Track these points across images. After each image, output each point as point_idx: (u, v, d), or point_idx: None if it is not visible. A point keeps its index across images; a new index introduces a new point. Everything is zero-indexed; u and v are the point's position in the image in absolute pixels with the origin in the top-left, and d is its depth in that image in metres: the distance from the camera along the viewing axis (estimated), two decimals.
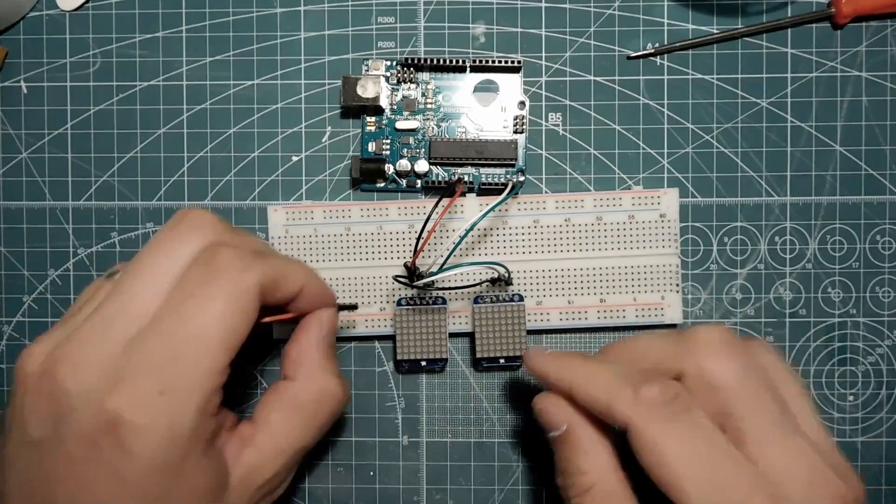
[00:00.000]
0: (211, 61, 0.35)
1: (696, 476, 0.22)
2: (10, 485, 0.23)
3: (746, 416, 0.23)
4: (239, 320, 0.23)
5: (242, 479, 0.25)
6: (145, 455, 0.22)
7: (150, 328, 0.23)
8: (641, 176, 0.34)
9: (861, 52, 0.34)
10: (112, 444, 0.22)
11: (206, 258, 0.24)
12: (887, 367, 0.34)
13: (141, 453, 0.22)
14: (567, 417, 0.26)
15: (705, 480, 0.22)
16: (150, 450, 0.22)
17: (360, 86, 0.33)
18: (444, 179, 0.34)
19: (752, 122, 0.34)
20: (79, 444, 0.22)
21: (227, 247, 0.24)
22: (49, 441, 0.22)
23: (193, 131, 0.35)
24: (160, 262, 0.24)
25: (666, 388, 0.24)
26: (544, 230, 0.33)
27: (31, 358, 0.23)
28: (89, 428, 0.22)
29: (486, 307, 0.32)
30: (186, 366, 0.23)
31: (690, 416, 0.23)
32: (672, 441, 0.23)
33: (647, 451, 0.23)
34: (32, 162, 0.35)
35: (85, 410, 0.22)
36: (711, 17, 0.34)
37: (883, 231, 0.34)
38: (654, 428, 0.23)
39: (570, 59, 0.34)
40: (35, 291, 0.35)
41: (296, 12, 0.35)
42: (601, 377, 0.25)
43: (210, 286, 0.23)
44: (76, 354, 0.23)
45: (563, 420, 0.26)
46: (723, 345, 0.24)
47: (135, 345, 0.23)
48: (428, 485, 0.34)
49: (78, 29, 0.35)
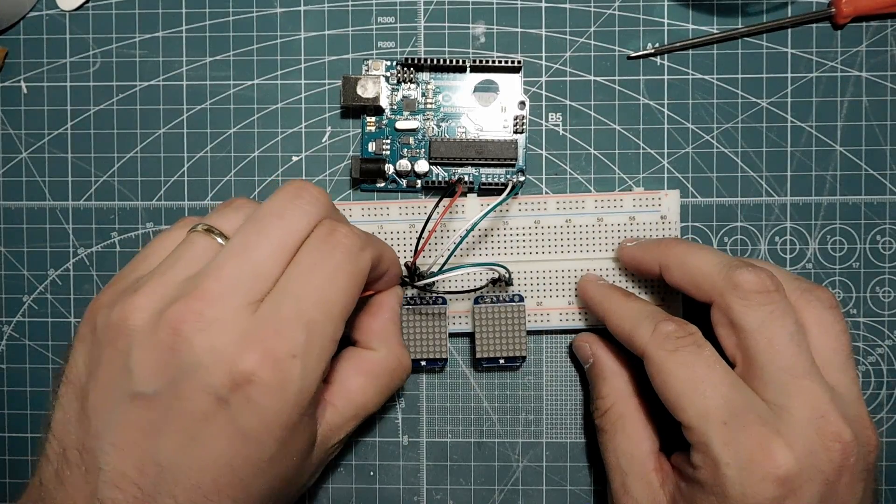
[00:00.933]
0: (211, 61, 0.35)
1: (693, 395, 0.26)
2: (104, 436, 0.23)
3: (758, 357, 0.26)
4: (354, 294, 0.25)
5: (322, 438, 0.26)
6: (273, 414, 0.23)
7: (282, 293, 0.24)
8: (641, 176, 0.34)
9: (861, 52, 0.34)
10: (241, 402, 0.22)
11: (327, 233, 0.25)
12: (887, 367, 0.34)
13: (269, 412, 0.22)
14: (594, 350, 0.32)
15: (701, 399, 0.26)
16: (279, 410, 0.23)
17: (360, 86, 0.33)
18: (444, 179, 0.34)
19: (752, 122, 0.34)
20: (204, 399, 0.22)
21: (345, 225, 0.26)
22: (164, 395, 0.23)
23: (193, 131, 0.35)
24: (281, 229, 0.25)
25: (681, 327, 0.27)
26: (545, 231, 0.33)
27: (138, 312, 0.23)
28: (220, 384, 0.22)
29: (486, 307, 0.32)
30: (316, 332, 0.23)
31: (697, 349, 0.27)
32: (676, 366, 0.26)
33: (656, 374, 0.27)
34: (32, 162, 0.35)
35: (216, 368, 0.22)
36: (711, 17, 0.34)
37: (883, 231, 0.34)
38: (663, 355, 0.27)
39: (570, 59, 0.34)
40: (35, 291, 0.35)
41: (296, 12, 0.35)
42: (630, 311, 0.29)
43: (334, 260, 0.24)
44: (207, 312, 0.23)
45: (592, 353, 0.32)
46: (756, 293, 0.26)
47: (266, 307, 0.23)
48: (428, 485, 0.34)
49: (78, 29, 0.35)
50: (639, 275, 0.33)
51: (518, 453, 0.34)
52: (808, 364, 0.26)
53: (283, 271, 0.24)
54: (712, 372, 0.26)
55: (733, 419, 0.25)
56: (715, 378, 0.26)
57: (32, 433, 0.35)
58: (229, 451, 0.23)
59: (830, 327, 0.27)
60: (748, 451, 0.25)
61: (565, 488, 0.34)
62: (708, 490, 0.25)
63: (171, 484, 0.22)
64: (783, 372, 0.25)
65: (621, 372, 0.31)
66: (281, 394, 0.23)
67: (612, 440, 0.30)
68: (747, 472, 0.24)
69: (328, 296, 0.24)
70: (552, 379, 0.34)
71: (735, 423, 0.25)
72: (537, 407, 0.34)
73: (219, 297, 0.23)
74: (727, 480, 0.25)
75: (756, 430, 0.25)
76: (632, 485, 0.29)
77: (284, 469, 0.24)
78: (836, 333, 0.27)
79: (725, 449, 0.25)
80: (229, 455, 0.23)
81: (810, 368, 0.26)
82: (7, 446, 0.35)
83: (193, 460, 0.22)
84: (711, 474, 0.25)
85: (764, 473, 0.24)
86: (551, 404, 0.34)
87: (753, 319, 0.26)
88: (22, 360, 0.35)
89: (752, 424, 0.25)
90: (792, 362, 0.26)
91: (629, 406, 0.30)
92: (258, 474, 0.23)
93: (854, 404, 0.26)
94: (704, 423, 0.25)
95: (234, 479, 0.23)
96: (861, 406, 0.26)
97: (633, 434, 0.29)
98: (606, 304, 0.30)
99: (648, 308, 0.29)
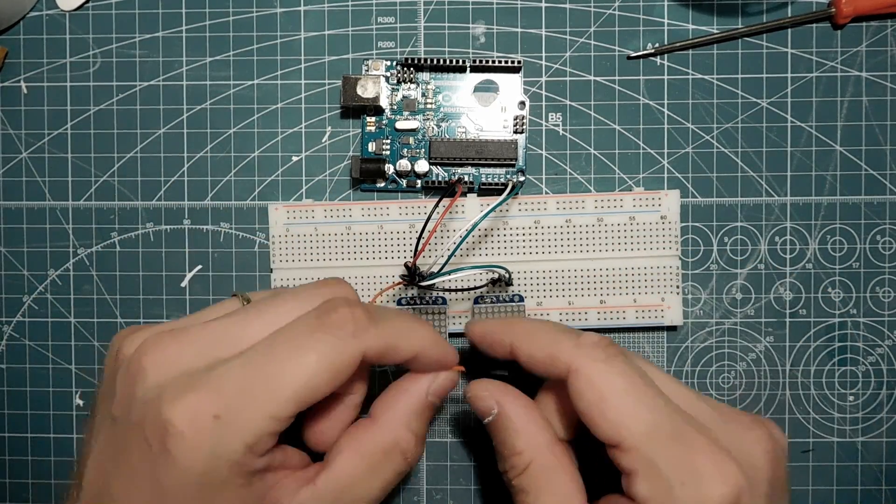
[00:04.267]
0: (211, 61, 0.35)
1: (636, 410, 0.23)
2: (90, 454, 0.24)
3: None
4: (324, 380, 0.23)
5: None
6: (184, 468, 0.22)
7: (241, 355, 0.23)
8: (641, 176, 0.34)
9: (861, 52, 0.34)
10: (159, 447, 0.22)
11: (323, 310, 0.24)
12: (887, 367, 0.34)
13: (180, 465, 0.22)
14: (498, 398, 0.26)
15: (647, 413, 0.23)
16: (189, 465, 0.22)
17: (360, 86, 0.33)
18: (444, 179, 0.34)
19: (752, 122, 0.34)
20: (135, 434, 0.23)
21: (348, 307, 0.24)
22: (121, 422, 0.23)
23: (193, 131, 0.35)
24: (289, 307, 0.24)
25: (603, 338, 0.25)
26: (545, 231, 0.33)
27: (129, 341, 0.24)
28: (145, 424, 0.22)
29: (486, 307, 0.32)
30: (251, 403, 0.22)
31: (627, 359, 0.25)
32: (613, 377, 0.24)
33: (587, 389, 0.24)
34: (32, 162, 0.35)
35: (148, 405, 0.22)
36: (711, 17, 0.34)
37: (883, 231, 0.34)
38: (597, 367, 0.24)
39: (570, 59, 0.34)
40: (35, 291, 0.35)
41: (296, 12, 0.35)
42: (542, 331, 0.26)
43: (312, 339, 0.23)
44: (167, 350, 0.23)
45: (494, 403, 0.26)
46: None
47: (218, 364, 0.23)
48: (428, 485, 0.34)
49: (78, 29, 0.35)
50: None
51: None
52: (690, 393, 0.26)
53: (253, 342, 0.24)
54: (648, 385, 0.24)
55: (678, 433, 0.23)
56: (654, 391, 0.24)
57: (32, 433, 0.35)
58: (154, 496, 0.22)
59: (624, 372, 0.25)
60: (699, 466, 0.23)
61: None
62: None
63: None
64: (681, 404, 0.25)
65: (535, 419, 0.26)
66: (193, 451, 0.22)
67: (536, 501, 0.25)
68: (703, 489, 0.22)
69: (283, 372, 0.22)
70: None
71: (681, 437, 0.23)
72: None
73: (187, 341, 0.24)
74: (681, 503, 0.22)
75: (701, 443, 0.23)
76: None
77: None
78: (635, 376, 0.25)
79: (677, 466, 0.23)
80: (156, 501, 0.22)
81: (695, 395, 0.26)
82: (7, 446, 0.35)
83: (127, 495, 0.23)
84: (662, 500, 0.23)
85: (719, 489, 0.22)
86: None
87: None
88: (22, 360, 0.35)
89: (696, 438, 0.23)
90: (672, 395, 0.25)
91: (552, 457, 0.25)
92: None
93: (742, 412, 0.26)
94: (651, 441, 0.23)
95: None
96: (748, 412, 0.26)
97: (562, 489, 0.25)
98: (510, 334, 0.27)
99: (558, 325, 0.27)
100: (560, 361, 0.25)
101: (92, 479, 0.24)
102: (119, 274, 0.35)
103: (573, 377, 0.24)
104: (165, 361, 0.23)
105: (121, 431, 0.23)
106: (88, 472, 0.24)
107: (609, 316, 0.33)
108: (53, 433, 0.35)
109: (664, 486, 0.22)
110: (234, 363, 0.23)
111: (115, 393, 0.24)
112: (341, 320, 0.23)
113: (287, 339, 0.23)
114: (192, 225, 0.35)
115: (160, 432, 0.22)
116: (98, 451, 0.24)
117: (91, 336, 0.35)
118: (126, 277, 0.35)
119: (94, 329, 0.35)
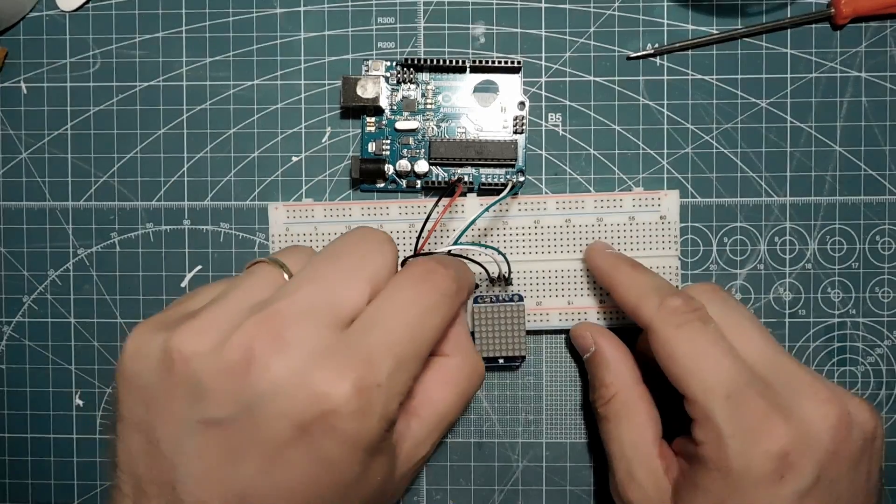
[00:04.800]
0: (211, 61, 0.35)
1: (697, 369, 0.26)
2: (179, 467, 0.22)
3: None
4: (441, 335, 0.25)
5: (407, 455, 0.26)
6: (355, 441, 0.22)
7: (371, 322, 0.23)
8: (641, 176, 0.34)
9: (861, 53, 0.34)
10: (324, 430, 0.21)
11: (425, 272, 0.25)
12: (887, 368, 0.34)
13: (351, 439, 0.22)
14: (596, 339, 0.31)
15: (705, 373, 0.26)
16: (361, 437, 0.22)
17: (360, 86, 0.33)
18: (444, 180, 0.34)
19: (752, 122, 0.34)
20: (284, 426, 0.21)
21: (441, 267, 0.26)
22: (239, 421, 0.22)
23: (193, 131, 0.35)
24: (357, 266, 0.24)
25: (686, 302, 0.27)
26: (545, 231, 0.33)
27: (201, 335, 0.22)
28: (301, 412, 0.21)
29: (485, 307, 0.32)
30: (403, 367, 0.23)
31: (702, 325, 0.27)
32: (682, 340, 0.27)
33: (661, 348, 0.27)
34: (32, 162, 0.35)
35: (297, 394, 0.21)
36: (711, 18, 0.34)
37: (883, 231, 0.34)
38: (669, 329, 0.27)
39: (570, 59, 0.34)
40: (35, 291, 0.35)
41: (296, 12, 0.35)
42: (637, 283, 0.29)
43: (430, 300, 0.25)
44: (284, 334, 0.22)
45: (592, 342, 0.31)
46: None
47: (353, 335, 0.23)
48: (428, 485, 0.34)
49: (78, 29, 0.35)
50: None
51: (518, 453, 0.34)
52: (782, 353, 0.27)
53: (363, 302, 0.24)
54: (716, 347, 0.26)
55: (736, 393, 0.25)
56: (718, 353, 0.26)
57: (32, 433, 0.35)
58: (312, 477, 0.22)
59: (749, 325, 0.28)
60: (750, 423, 0.25)
61: (565, 488, 0.34)
62: (711, 466, 0.25)
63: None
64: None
65: (624, 360, 0.31)
66: (363, 422, 0.22)
67: (615, 428, 0.30)
68: (750, 445, 0.25)
69: (419, 334, 0.24)
70: (552, 379, 0.34)
71: (737, 397, 0.25)
72: (537, 407, 0.34)
73: (295, 319, 0.22)
74: (730, 453, 0.25)
75: (757, 404, 0.25)
76: (637, 472, 0.29)
77: (368, 490, 0.23)
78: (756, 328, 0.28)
79: (728, 421, 0.25)
80: (312, 481, 0.22)
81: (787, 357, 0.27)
82: (7, 446, 0.35)
83: (276, 489, 0.22)
84: (714, 448, 0.25)
85: (766, 446, 0.25)
86: (551, 404, 0.34)
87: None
88: (22, 361, 0.35)
89: (753, 398, 0.25)
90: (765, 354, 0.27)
91: (634, 393, 0.30)
92: (343, 498, 0.23)
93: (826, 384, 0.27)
94: (708, 396, 0.26)
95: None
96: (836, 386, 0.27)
97: (638, 421, 0.29)
98: (613, 275, 0.30)
99: (655, 281, 0.29)
100: (642, 319, 0.28)
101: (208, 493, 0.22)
102: (119, 274, 0.35)
103: (651, 335, 0.28)
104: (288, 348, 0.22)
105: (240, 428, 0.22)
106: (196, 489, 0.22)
107: (609, 315, 0.33)
108: (53, 433, 0.35)
109: (716, 436, 0.25)
110: (375, 332, 0.23)
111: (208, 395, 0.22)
112: (444, 282, 0.25)
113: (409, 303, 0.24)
114: (192, 225, 0.35)
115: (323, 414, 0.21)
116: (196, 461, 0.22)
117: (91, 336, 0.35)
118: (126, 278, 0.35)
119: (94, 329, 0.35)
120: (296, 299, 0.23)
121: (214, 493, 0.22)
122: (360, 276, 0.24)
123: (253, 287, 0.24)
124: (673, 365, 0.27)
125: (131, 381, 0.23)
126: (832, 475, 0.25)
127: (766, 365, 0.27)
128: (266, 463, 0.22)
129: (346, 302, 0.23)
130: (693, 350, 0.26)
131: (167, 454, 0.22)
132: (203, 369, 0.22)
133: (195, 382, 0.22)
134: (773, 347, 0.28)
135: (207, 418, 0.22)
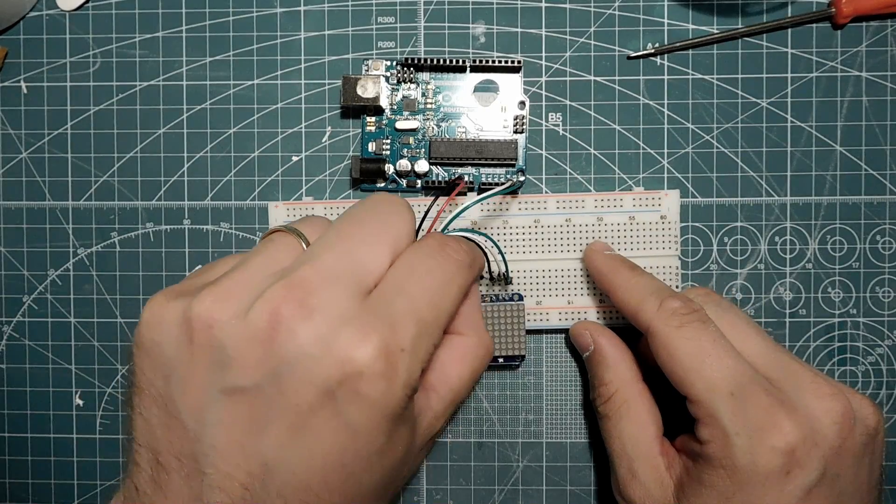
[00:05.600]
0: (211, 61, 0.35)
1: (700, 368, 0.26)
2: (203, 438, 0.22)
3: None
4: (458, 307, 0.26)
5: (427, 427, 0.26)
6: (381, 407, 0.22)
7: (395, 289, 0.23)
8: (641, 176, 0.34)
9: (861, 52, 0.34)
10: (349, 395, 0.21)
11: (440, 244, 0.25)
12: (887, 367, 0.34)
13: (377, 406, 0.22)
14: (595, 337, 0.32)
15: (708, 371, 0.26)
16: (386, 403, 0.22)
17: (360, 86, 0.33)
18: (444, 179, 0.34)
19: (752, 122, 0.34)
20: (310, 392, 0.21)
21: (453, 239, 0.26)
22: (265, 388, 0.21)
23: (193, 131, 0.35)
24: (379, 232, 0.24)
25: (686, 304, 0.28)
26: (545, 230, 0.33)
27: (225, 303, 0.22)
28: (328, 377, 0.21)
29: (485, 306, 0.32)
30: (426, 332, 0.23)
31: (702, 325, 0.27)
32: (682, 341, 0.27)
33: (661, 349, 0.27)
34: (32, 162, 0.35)
35: (324, 359, 0.21)
36: (711, 17, 0.34)
37: (883, 231, 0.34)
38: (669, 331, 0.27)
39: (570, 59, 0.34)
40: (35, 291, 0.35)
41: (296, 12, 0.35)
42: (636, 286, 0.29)
43: (448, 270, 0.25)
44: (309, 300, 0.22)
45: (592, 341, 0.32)
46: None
47: (377, 300, 0.23)
48: (428, 485, 0.34)
49: (78, 29, 0.35)
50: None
51: (518, 453, 0.34)
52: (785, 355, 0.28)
53: (384, 269, 0.24)
54: (717, 346, 0.26)
55: (740, 390, 0.25)
56: (720, 351, 0.26)
57: (32, 433, 0.35)
58: (337, 445, 0.22)
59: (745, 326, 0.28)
60: (755, 420, 0.25)
61: (565, 488, 0.34)
62: (717, 464, 0.25)
63: (280, 484, 0.21)
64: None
65: (624, 358, 0.31)
66: (388, 387, 0.22)
67: (616, 426, 0.30)
68: (756, 441, 0.25)
69: (439, 301, 0.24)
70: (552, 378, 0.34)
71: (742, 394, 0.25)
72: (537, 407, 0.34)
73: (320, 285, 0.22)
74: (737, 450, 0.25)
75: (762, 400, 0.25)
76: (639, 469, 0.29)
77: (392, 461, 0.23)
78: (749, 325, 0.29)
79: (734, 419, 0.25)
80: (338, 450, 0.22)
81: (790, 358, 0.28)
82: (7, 446, 0.35)
83: (301, 457, 0.21)
84: (720, 446, 0.25)
85: (772, 442, 0.25)
86: (551, 404, 0.34)
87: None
88: (22, 361, 0.35)
89: (757, 395, 0.25)
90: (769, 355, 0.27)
91: (633, 391, 0.30)
92: (367, 468, 0.22)
93: (828, 380, 0.27)
94: (712, 395, 0.26)
95: (343, 474, 0.22)
96: (838, 382, 0.27)
97: (639, 419, 0.29)
98: (612, 278, 0.30)
99: (654, 283, 0.29)
100: (642, 321, 0.28)
101: (232, 464, 0.21)
102: (119, 274, 0.35)
103: (651, 337, 0.28)
104: (313, 314, 0.21)
105: (266, 396, 0.21)
106: (219, 460, 0.21)
107: (608, 315, 0.33)
108: (53, 433, 0.35)
109: (721, 434, 0.25)
110: (396, 297, 0.23)
111: (233, 363, 0.21)
112: (458, 254, 0.26)
113: (428, 272, 0.24)
114: (192, 225, 0.35)
115: (349, 379, 0.21)
116: (219, 432, 0.22)
117: (91, 336, 0.35)
118: (126, 277, 0.35)
119: (94, 329, 0.35)
120: (320, 265, 0.23)
121: (238, 463, 0.21)
122: (382, 241, 0.24)
123: (272, 255, 0.24)
124: (674, 365, 0.27)
125: (149, 351, 0.23)
126: (837, 470, 0.25)
127: (767, 363, 0.27)
128: (291, 431, 0.21)
129: (368, 267, 0.23)
130: (694, 349, 0.26)
131: (188, 426, 0.22)
132: (227, 336, 0.22)
133: (218, 350, 0.22)
134: (772, 346, 0.28)
135: (231, 387, 0.21)
